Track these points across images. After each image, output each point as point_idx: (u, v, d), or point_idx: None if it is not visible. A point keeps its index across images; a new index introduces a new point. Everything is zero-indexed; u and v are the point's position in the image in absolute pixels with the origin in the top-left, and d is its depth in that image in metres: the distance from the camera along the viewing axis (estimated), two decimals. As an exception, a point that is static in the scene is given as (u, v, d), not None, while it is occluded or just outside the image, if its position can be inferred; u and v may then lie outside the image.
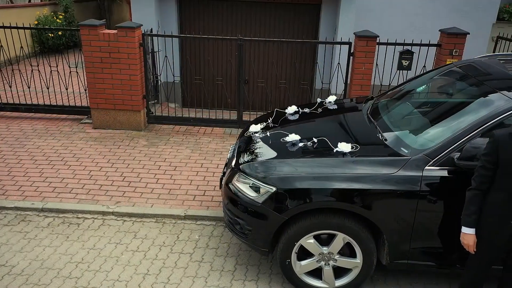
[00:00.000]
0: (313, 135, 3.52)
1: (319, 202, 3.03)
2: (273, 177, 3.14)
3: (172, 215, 4.45)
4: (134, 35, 5.96)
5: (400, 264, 3.21)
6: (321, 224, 3.09)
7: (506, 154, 2.41)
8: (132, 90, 6.27)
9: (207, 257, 3.83)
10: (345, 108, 4.30)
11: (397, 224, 3.02)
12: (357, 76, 5.94)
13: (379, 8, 7.72)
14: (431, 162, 2.94)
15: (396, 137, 3.31)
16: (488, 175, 2.51)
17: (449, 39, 5.76)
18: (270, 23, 7.68)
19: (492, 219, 2.52)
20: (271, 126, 3.96)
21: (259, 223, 3.22)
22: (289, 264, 3.25)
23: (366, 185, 2.97)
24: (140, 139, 6.25)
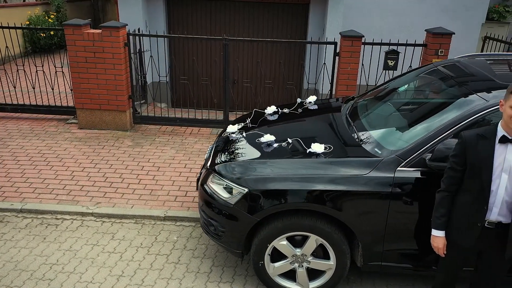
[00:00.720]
0: (290, 136, 3.50)
1: (290, 203, 3.00)
2: (245, 178, 3.11)
3: (151, 216, 4.42)
4: (119, 35, 5.92)
5: (374, 266, 3.18)
6: (294, 226, 3.06)
7: (473, 155, 2.38)
8: (117, 90, 6.24)
9: (183, 259, 3.79)
10: (325, 109, 4.27)
11: (369, 226, 2.99)
12: (343, 76, 5.91)
13: (368, 8, 7.69)
14: (403, 163, 2.91)
15: (370, 138, 3.28)
16: (456, 176, 2.47)
17: (435, 39, 5.73)
18: (259, 23, 7.65)
19: (460, 221, 2.49)
20: (250, 127, 3.93)
21: (231, 225, 3.19)
22: (262, 266, 3.22)
23: (337, 186, 2.94)
24: (125, 139, 6.22)
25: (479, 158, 2.36)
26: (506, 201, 2.35)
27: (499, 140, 2.32)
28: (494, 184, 2.35)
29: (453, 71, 3.55)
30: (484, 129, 2.43)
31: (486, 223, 2.42)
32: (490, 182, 2.34)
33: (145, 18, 7.46)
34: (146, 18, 7.49)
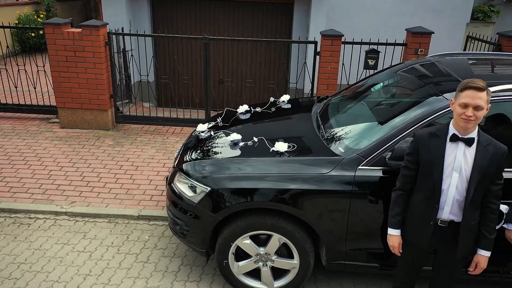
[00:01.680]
0: (258, 135, 3.49)
1: (251, 202, 2.99)
2: (208, 177, 3.11)
3: (125, 215, 4.41)
4: (99, 34, 5.91)
5: (337, 264, 3.17)
6: (256, 225, 3.05)
7: (425, 153, 2.38)
8: (99, 89, 6.23)
9: (153, 258, 3.79)
10: (297, 108, 4.26)
11: (331, 225, 2.98)
12: (323, 75, 5.91)
13: (353, 8, 7.69)
14: (364, 162, 2.90)
15: (335, 137, 3.28)
16: (410, 175, 2.47)
17: (414, 38, 5.73)
18: (244, 22, 7.65)
19: (414, 220, 2.49)
20: (221, 125, 3.92)
21: (195, 223, 3.18)
22: (226, 265, 3.21)
23: (298, 185, 2.93)
24: (106, 139, 6.21)
25: (430, 156, 2.36)
26: (457, 199, 2.34)
27: (450, 138, 2.32)
28: (445, 183, 2.34)
29: (421, 70, 3.54)
30: (437, 128, 2.42)
31: (438, 222, 2.42)
32: (441, 180, 2.34)
33: (129, 17, 7.45)
34: (130, 17, 7.49)
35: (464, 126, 2.26)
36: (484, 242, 2.41)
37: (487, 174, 2.29)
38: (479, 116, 2.21)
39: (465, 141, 2.29)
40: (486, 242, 2.41)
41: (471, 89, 2.21)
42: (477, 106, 2.19)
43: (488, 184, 2.34)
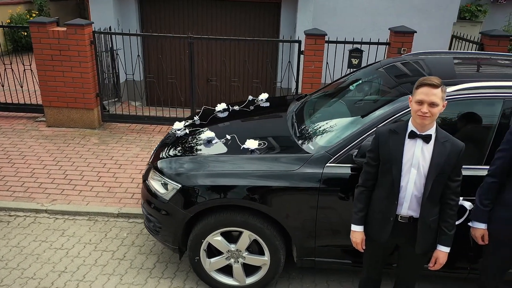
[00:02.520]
0: (232, 132, 3.52)
1: (220, 199, 3.01)
2: (179, 174, 3.14)
3: (105, 213, 4.43)
4: (84, 33, 5.93)
5: (308, 261, 3.20)
6: (226, 221, 3.08)
7: (384, 150, 2.40)
8: (84, 88, 6.25)
9: (129, 255, 3.81)
10: (275, 106, 4.29)
11: (300, 222, 3.01)
12: (307, 74, 5.93)
13: (341, 7, 7.71)
14: (332, 160, 2.93)
15: (307, 135, 3.31)
16: (372, 171, 2.49)
17: (397, 37, 5.76)
18: (232, 22, 7.68)
19: (375, 216, 2.51)
20: (198, 123, 3.95)
21: (167, 220, 3.21)
22: (198, 261, 3.24)
23: (267, 182, 2.96)
24: (92, 137, 6.23)
25: (390, 153, 2.38)
26: (415, 195, 2.37)
27: (408, 135, 2.35)
28: (403, 179, 2.37)
29: (394, 70, 3.56)
30: (397, 125, 2.45)
31: (399, 218, 2.44)
32: (400, 177, 2.37)
33: (117, 17, 7.47)
34: (118, 16, 7.51)
35: (420, 122, 2.28)
36: (443, 238, 2.44)
37: (444, 171, 2.32)
38: (434, 112, 2.24)
39: (422, 138, 2.32)
40: (445, 238, 2.43)
41: (426, 86, 2.24)
42: (432, 102, 2.22)
43: (446, 181, 2.36)
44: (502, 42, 5.58)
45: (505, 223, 2.46)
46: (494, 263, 2.61)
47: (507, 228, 2.45)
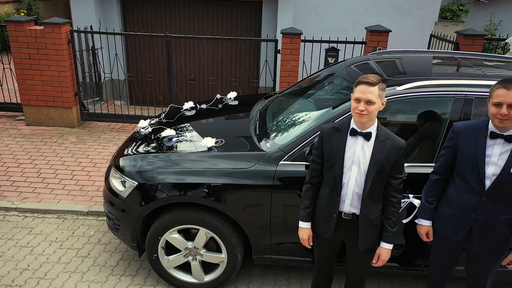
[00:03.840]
0: (194, 131, 3.54)
1: (175, 196, 3.03)
2: (136, 172, 3.15)
3: (75, 211, 4.44)
4: (61, 31, 5.94)
5: (265, 258, 3.22)
6: (182, 219, 3.09)
7: (328, 147, 2.42)
8: (62, 86, 6.26)
9: (93, 253, 3.82)
10: (243, 104, 4.30)
11: (254, 219, 3.03)
12: (284, 73, 5.95)
13: (322, 6, 7.73)
14: (286, 157, 2.95)
15: (265, 133, 3.32)
16: (317, 169, 2.51)
17: (372, 36, 5.78)
18: (214, 21, 7.69)
19: (320, 213, 2.53)
20: (164, 122, 3.96)
21: (125, 218, 3.23)
22: (156, 258, 3.26)
23: (221, 179, 2.97)
24: (70, 136, 6.24)
25: (332, 150, 2.40)
26: (357, 192, 2.39)
27: (350, 133, 2.36)
28: (345, 176, 2.39)
29: (355, 69, 3.58)
30: (340, 122, 2.47)
31: (342, 215, 2.46)
32: (342, 174, 2.38)
33: (99, 16, 7.48)
34: (100, 15, 7.52)
35: (358, 120, 2.30)
36: (386, 235, 2.45)
37: (384, 168, 2.33)
38: (371, 110, 2.25)
39: (363, 136, 2.34)
40: (388, 235, 2.45)
41: (363, 84, 2.26)
42: (368, 100, 2.24)
43: (388, 178, 2.38)
44: (477, 42, 5.60)
45: (448, 220, 2.48)
46: (439, 260, 2.63)
47: (450, 225, 2.47)
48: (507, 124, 2.20)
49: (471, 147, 2.32)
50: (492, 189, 2.29)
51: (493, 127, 2.28)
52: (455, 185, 2.44)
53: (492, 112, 2.23)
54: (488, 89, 2.33)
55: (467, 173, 2.35)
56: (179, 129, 3.61)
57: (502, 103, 2.17)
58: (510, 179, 2.24)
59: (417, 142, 2.98)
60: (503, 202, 2.31)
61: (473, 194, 2.34)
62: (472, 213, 2.36)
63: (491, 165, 2.28)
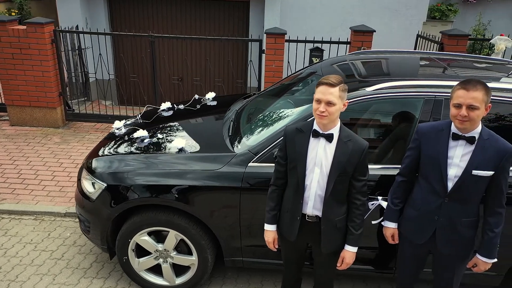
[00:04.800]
0: (169, 132, 3.51)
1: (144, 198, 2.99)
2: (105, 173, 3.11)
3: (52, 213, 4.40)
4: (44, 31, 5.90)
5: (236, 261, 3.18)
6: (151, 221, 3.05)
7: (290, 149, 2.39)
8: (46, 86, 6.22)
9: (67, 255, 3.79)
10: (221, 105, 4.26)
11: (224, 221, 2.99)
12: (268, 73, 5.91)
13: (311, 6, 7.70)
14: (255, 159, 2.91)
15: (237, 134, 3.29)
16: (281, 170, 2.47)
17: (357, 36, 5.75)
18: (202, 21, 7.65)
19: (285, 215, 2.49)
20: (141, 122, 3.93)
21: (95, 220, 3.19)
22: (127, 261, 3.22)
23: (190, 181, 2.94)
24: (54, 137, 6.20)
25: (295, 152, 2.37)
26: (319, 195, 2.35)
27: (312, 134, 2.33)
28: (308, 178, 2.35)
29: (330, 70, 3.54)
30: (304, 124, 2.43)
31: (306, 217, 2.43)
32: (305, 176, 2.35)
33: (85, 15, 7.44)
34: (86, 15, 7.48)
35: (319, 121, 2.27)
36: (350, 237, 2.42)
37: (347, 170, 2.30)
38: (332, 111, 2.22)
39: (325, 137, 2.30)
40: (352, 238, 2.41)
41: (323, 85, 2.23)
42: (328, 101, 2.20)
43: (351, 180, 2.35)
44: (461, 42, 5.57)
45: (412, 222, 2.44)
46: (405, 262, 2.59)
47: (414, 227, 2.44)
48: (467, 126, 2.17)
49: (434, 148, 2.29)
50: (454, 191, 2.25)
51: (455, 128, 2.25)
52: (420, 187, 2.41)
53: (452, 113, 2.20)
54: None
55: (430, 174, 2.32)
56: (152, 130, 3.57)
57: (462, 104, 2.14)
58: (471, 181, 2.21)
59: (386, 143, 2.95)
60: (465, 204, 2.28)
61: (436, 196, 2.31)
62: (436, 215, 2.33)
63: (453, 166, 2.25)
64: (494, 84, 2.77)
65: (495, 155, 2.17)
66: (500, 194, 2.23)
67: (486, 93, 2.14)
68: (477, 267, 2.36)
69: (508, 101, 2.72)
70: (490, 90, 2.17)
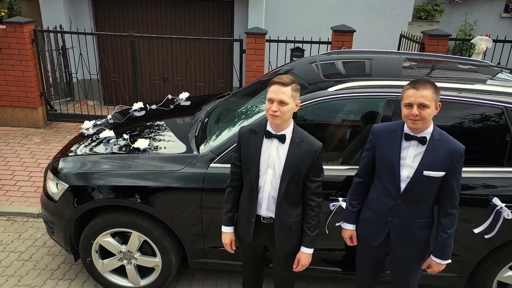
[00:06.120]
0: (136, 132, 3.48)
1: (105, 199, 2.96)
2: (68, 174, 3.08)
3: (25, 213, 4.37)
4: (23, 31, 5.87)
5: (200, 263, 3.15)
6: (113, 222, 3.02)
7: (244, 150, 2.36)
8: (27, 86, 6.19)
9: (36, 256, 3.75)
10: (194, 105, 4.23)
11: (186, 222, 2.96)
12: (249, 73, 5.89)
13: (296, 6, 7.66)
14: (217, 159, 2.89)
15: (202, 135, 3.26)
16: (237, 172, 2.44)
17: (337, 36, 5.72)
18: (187, 21, 7.61)
19: (241, 217, 2.47)
20: (111, 123, 3.89)
21: (57, 221, 3.16)
22: (90, 262, 3.19)
23: (151, 182, 2.91)
24: (34, 137, 6.16)
25: (249, 153, 2.34)
26: (273, 196, 2.32)
27: (265, 135, 2.30)
28: (261, 180, 2.32)
29: (297, 70, 3.51)
30: (258, 124, 2.40)
31: (261, 219, 2.40)
32: (258, 177, 2.32)
33: (69, 15, 7.40)
34: (70, 14, 7.43)
35: (272, 121, 2.24)
36: (305, 239, 2.39)
37: (299, 171, 2.27)
38: (284, 111, 2.19)
39: (277, 138, 2.28)
40: (307, 239, 2.39)
41: (275, 84, 2.20)
42: (281, 101, 2.17)
43: (305, 181, 2.32)
44: (441, 42, 5.55)
45: (368, 224, 2.42)
46: (363, 264, 2.57)
47: (370, 228, 2.41)
48: (420, 125, 2.15)
49: (387, 149, 2.26)
50: (407, 192, 2.23)
51: (408, 129, 2.22)
52: (375, 188, 2.38)
53: (404, 113, 2.17)
54: None
55: (383, 175, 2.30)
56: (120, 130, 3.54)
57: (413, 104, 2.12)
58: (423, 182, 2.19)
59: (348, 144, 2.92)
60: (418, 205, 2.25)
61: (389, 197, 2.29)
62: (389, 217, 2.31)
63: (406, 167, 2.22)
64: (443, 84, 2.73)
65: (446, 156, 2.15)
66: (452, 195, 2.20)
67: (435, 91, 2.13)
68: (431, 268, 2.34)
69: (460, 101, 2.71)
70: (438, 89, 2.16)
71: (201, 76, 7.33)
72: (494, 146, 2.74)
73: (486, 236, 2.69)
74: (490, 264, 2.87)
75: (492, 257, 2.84)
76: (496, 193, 2.66)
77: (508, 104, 2.70)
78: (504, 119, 2.70)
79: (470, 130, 2.74)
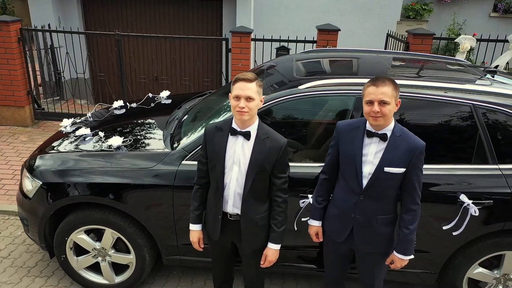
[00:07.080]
0: (113, 130, 3.49)
1: (76, 196, 2.97)
2: (41, 171, 3.09)
3: (6, 211, 4.38)
4: (9, 30, 5.87)
5: (174, 260, 3.17)
6: (86, 219, 3.04)
7: (210, 147, 2.37)
8: (14, 85, 6.20)
9: (14, 254, 3.77)
10: (175, 104, 4.24)
11: (158, 219, 2.98)
12: (235, 72, 5.89)
13: (285, 5, 7.68)
14: (188, 156, 2.90)
15: (176, 133, 3.28)
16: (203, 169, 2.45)
17: (322, 35, 5.74)
18: (176, 20, 7.62)
19: (209, 214, 2.48)
20: (90, 121, 3.91)
21: (32, 218, 3.17)
22: (65, 259, 3.20)
23: (122, 179, 2.92)
24: (21, 135, 6.17)
25: (214, 150, 2.35)
26: (238, 193, 2.33)
27: (230, 132, 2.31)
28: (227, 177, 2.34)
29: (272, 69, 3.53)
30: (223, 122, 2.41)
31: (228, 216, 2.41)
32: (224, 174, 2.33)
33: (58, 14, 7.40)
34: (59, 13, 7.44)
35: (239, 118, 2.25)
36: (272, 235, 2.40)
37: (265, 168, 2.28)
38: (252, 107, 2.20)
39: (243, 135, 2.29)
40: (274, 236, 2.40)
41: (240, 81, 2.21)
42: (248, 97, 2.19)
43: (271, 178, 2.33)
44: (426, 41, 5.57)
45: (333, 220, 2.43)
46: (330, 261, 2.58)
47: (334, 225, 2.43)
48: (381, 122, 2.17)
49: (350, 146, 2.28)
50: (368, 188, 2.25)
51: (370, 126, 2.24)
52: (339, 185, 2.40)
53: (366, 110, 2.19)
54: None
55: (347, 172, 2.31)
56: (98, 128, 3.55)
57: (373, 100, 2.13)
58: (384, 178, 2.20)
59: (319, 141, 2.93)
60: (379, 202, 2.27)
61: (352, 193, 2.30)
62: (352, 213, 2.32)
63: (368, 164, 2.24)
64: (413, 82, 2.75)
65: (406, 152, 2.17)
66: (413, 191, 2.22)
67: (395, 88, 2.15)
68: (394, 264, 2.35)
69: (429, 98, 2.73)
70: (398, 86, 2.18)
71: (189, 75, 7.33)
72: (463, 144, 2.76)
73: (454, 233, 2.71)
74: (460, 260, 2.88)
75: (461, 254, 2.86)
76: (464, 189, 2.68)
77: (476, 102, 2.72)
78: (472, 117, 2.72)
79: (439, 127, 2.76)
